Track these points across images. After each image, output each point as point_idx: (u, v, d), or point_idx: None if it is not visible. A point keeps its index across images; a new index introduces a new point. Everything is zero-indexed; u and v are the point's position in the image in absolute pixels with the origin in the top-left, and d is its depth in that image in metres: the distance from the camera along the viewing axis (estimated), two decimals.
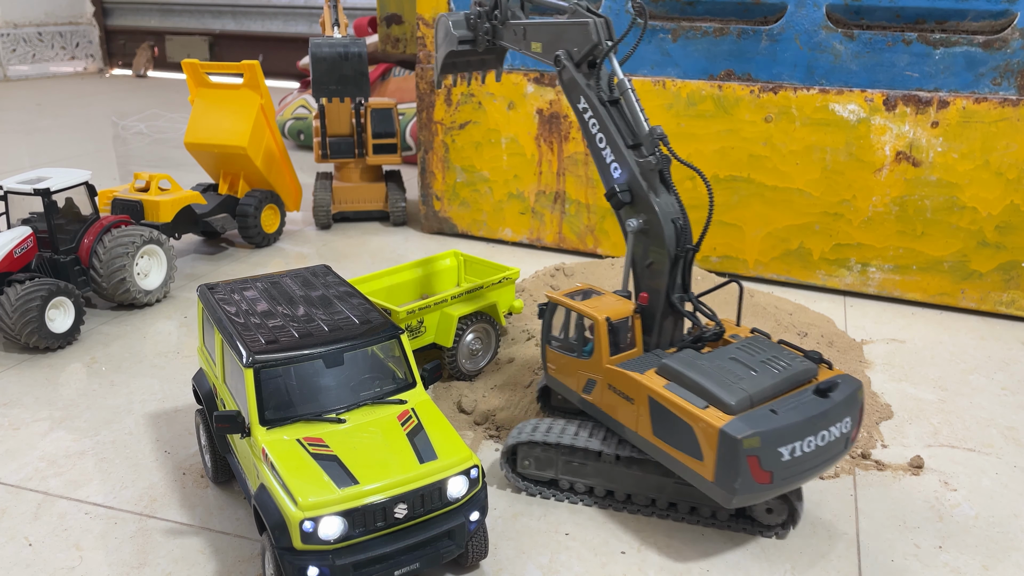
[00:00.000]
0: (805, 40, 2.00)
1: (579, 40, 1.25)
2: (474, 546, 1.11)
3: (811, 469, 1.07)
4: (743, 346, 1.17)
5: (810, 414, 1.05)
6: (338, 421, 1.08)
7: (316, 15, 5.95)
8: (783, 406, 1.05)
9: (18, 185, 1.81)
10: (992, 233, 1.94)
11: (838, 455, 1.11)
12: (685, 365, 1.12)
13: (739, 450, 1.00)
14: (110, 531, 1.22)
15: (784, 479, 1.05)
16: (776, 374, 1.10)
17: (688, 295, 1.22)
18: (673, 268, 1.19)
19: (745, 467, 1.01)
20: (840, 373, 1.13)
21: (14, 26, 6.26)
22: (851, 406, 1.10)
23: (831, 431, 1.07)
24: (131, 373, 1.70)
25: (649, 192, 1.19)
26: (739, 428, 1.01)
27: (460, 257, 1.83)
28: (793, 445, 1.03)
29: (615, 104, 1.24)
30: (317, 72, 2.51)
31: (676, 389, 1.10)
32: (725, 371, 1.10)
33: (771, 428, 1.02)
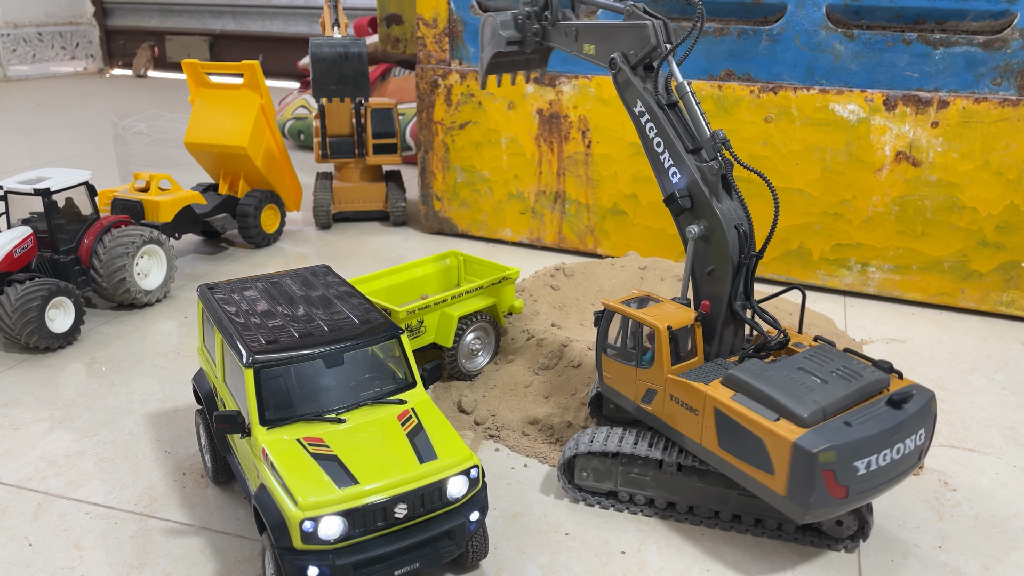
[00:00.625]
0: (805, 40, 2.00)
1: (636, 43, 1.22)
2: (474, 546, 1.11)
3: (885, 483, 1.04)
4: (810, 355, 1.13)
5: (885, 426, 1.01)
6: (338, 421, 1.08)
7: (316, 15, 5.95)
8: (857, 418, 1.02)
9: (18, 185, 1.81)
10: (992, 233, 1.94)
11: (911, 468, 1.07)
12: (752, 376, 1.08)
13: (814, 464, 0.97)
14: (110, 531, 1.22)
15: (859, 493, 1.02)
16: (848, 385, 1.06)
17: (750, 302, 1.19)
18: (736, 275, 1.16)
19: (820, 482, 0.98)
20: (912, 383, 1.10)
21: (14, 26, 6.27)
22: (925, 417, 1.06)
23: (906, 443, 1.03)
24: (131, 373, 1.70)
25: (711, 197, 1.16)
26: (814, 442, 0.98)
27: (460, 257, 1.83)
28: (869, 459, 1.00)
29: (673, 107, 1.21)
30: (317, 72, 2.51)
31: (744, 400, 1.07)
32: (794, 382, 1.07)
33: (847, 441, 0.98)
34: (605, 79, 2.20)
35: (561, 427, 1.44)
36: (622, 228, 2.32)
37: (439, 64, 2.40)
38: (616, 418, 1.38)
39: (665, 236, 2.26)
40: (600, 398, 1.38)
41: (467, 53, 2.37)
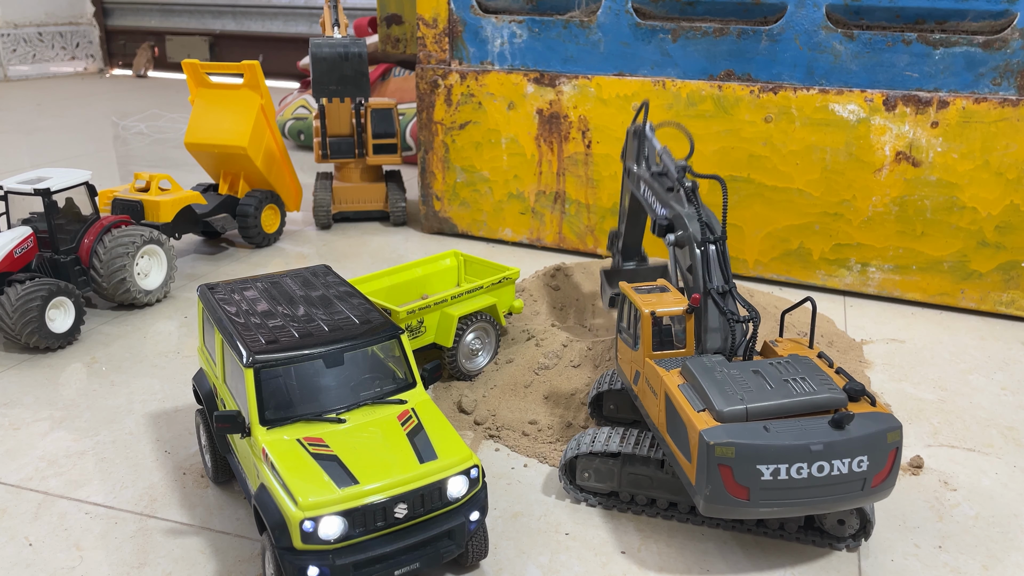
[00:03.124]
0: (805, 40, 2.00)
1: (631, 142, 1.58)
2: (474, 546, 1.11)
3: (807, 500, 1.03)
4: (778, 363, 1.12)
5: (806, 440, 1.00)
6: (338, 421, 1.08)
7: (316, 15, 5.95)
8: (781, 426, 1.01)
9: (18, 185, 1.81)
10: (992, 233, 1.94)
11: (851, 495, 1.04)
12: (701, 368, 1.10)
13: (711, 456, 0.99)
14: (110, 531, 1.22)
15: (768, 501, 1.01)
16: (790, 394, 1.05)
17: (730, 285, 1.21)
18: (704, 259, 1.21)
19: (717, 476, 1.00)
20: (880, 411, 1.06)
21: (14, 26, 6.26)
22: (872, 445, 1.02)
23: (835, 465, 1.01)
24: (131, 373, 1.70)
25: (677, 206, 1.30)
26: (716, 435, 1.00)
27: (460, 257, 1.83)
28: (777, 467, 1.00)
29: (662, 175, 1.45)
30: (317, 72, 2.51)
31: (687, 389, 1.09)
32: (737, 381, 1.07)
33: (751, 443, 0.99)
34: (605, 79, 2.20)
35: (561, 427, 1.44)
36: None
37: (439, 64, 2.40)
38: (616, 418, 1.38)
39: None
40: (600, 398, 1.39)
41: (467, 53, 2.37)
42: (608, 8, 2.15)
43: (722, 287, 1.21)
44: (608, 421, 1.40)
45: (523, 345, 1.68)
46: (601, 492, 1.26)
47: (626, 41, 2.17)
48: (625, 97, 2.19)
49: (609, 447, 1.21)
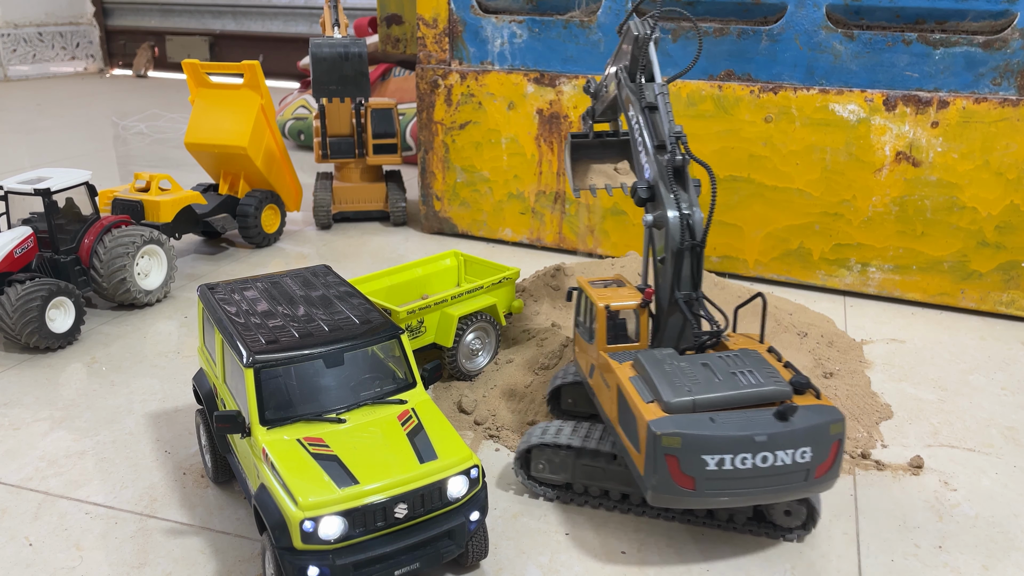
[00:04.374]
0: (805, 40, 2.00)
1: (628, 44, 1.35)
2: (474, 546, 1.11)
3: (751, 490, 1.04)
4: (726, 356, 1.14)
5: (752, 431, 1.01)
6: (338, 421, 1.08)
7: (316, 15, 5.95)
8: (727, 418, 1.03)
9: (18, 185, 1.81)
10: (992, 233, 1.94)
11: (794, 486, 1.05)
12: (652, 361, 1.12)
13: (658, 447, 1.01)
14: (110, 531, 1.22)
15: (713, 491, 1.02)
16: (737, 386, 1.07)
17: (697, 294, 1.21)
18: (677, 262, 1.19)
19: (663, 466, 1.01)
20: (824, 404, 1.07)
21: (14, 26, 6.26)
22: (815, 437, 1.04)
23: (779, 455, 1.02)
24: (131, 373, 1.70)
25: (665, 188, 1.21)
26: (663, 425, 1.01)
27: (460, 257, 1.83)
28: (722, 457, 1.01)
29: (654, 110, 1.30)
30: (317, 72, 2.51)
31: (637, 382, 1.11)
32: (686, 374, 1.09)
33: (696, 433, 1.00)
34: None
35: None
36: (622, 228, 2.32)
37: (439, 64, 2.40)
38: (574, 412, 1.40)
39: None
40: (559, 392, 1.41)
41: (467, 53, 2.37)
42: (608, 8, 2.15)
43: (689, 295, 1.20)
44: (566, 415, 1.41)
45: (523, 345, 1.68)
46: (556, 484, 1.27)
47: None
48: None
49: (559, 439, 1.23)
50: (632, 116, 1.32)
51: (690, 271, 1.20)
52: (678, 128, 1.23)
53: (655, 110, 1.29)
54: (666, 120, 1.26)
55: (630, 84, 1.35)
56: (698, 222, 1.19)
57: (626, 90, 1.35)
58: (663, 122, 1.26)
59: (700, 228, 1.19)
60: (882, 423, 1.52)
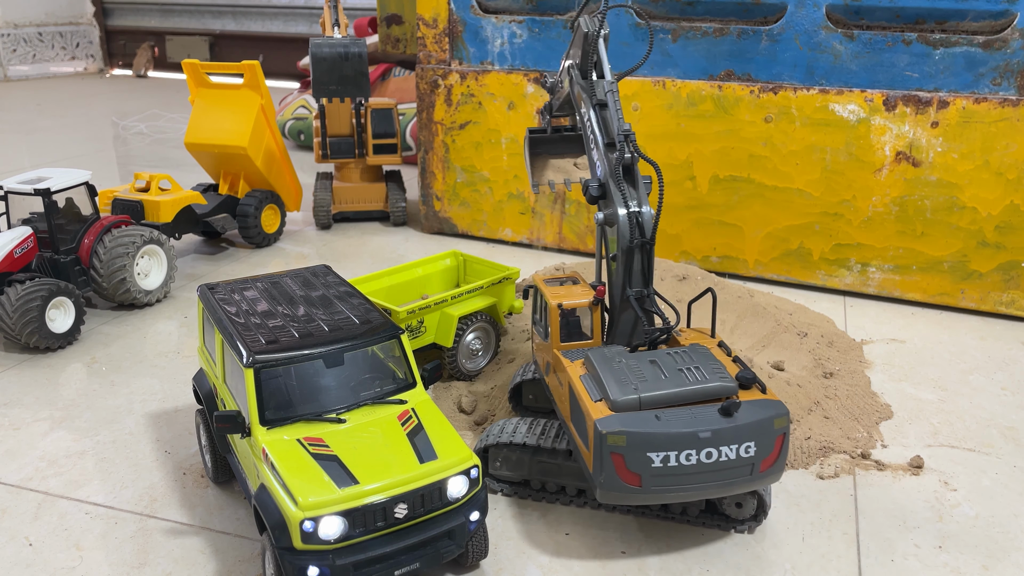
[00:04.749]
0: (805, 40, 2.00)
1: (579, 41, 1.34)
2: (474, 546, 1.11)
3: (696, 485, 1.05)
4: (674, 352, 1.14)
5: (696, 428, 1.02)
6: (338, 421, 1.08)
7: (316, 15, 5.95)
8: (672, 415, 1.04)
9: (18, 185, 1.81)
10: (992, 233, 1.94)
11: (739, 480, 1.07)
12: (601, 359, 1.13)
13: (603, 445, 1.02)
14: (110, 531, 1.22)
15: (659, 487, 1.04)
16: (683, 383, 1.07)
17: (649, 291, 1.22)
18: (628, 260, 1.20)
19: (609, 463, 1.02)
20: (770, 398, 1.08)
21: (14, 26, 6.26)
22: (759, 432, 1.05)
23: (723, 451, 1.04)
24: (131, 373, 1.70)
25: (615, 186, 1.22)
26: (609, 424, 1.02)
27: (460, 257, 1.83)
28: (667, 454, 1.02)
29: (604, 107, 1.30)
30: (317, 72, 2.51)
31: (587, 380, 1.12)
32: (633, 371, 1.09)
33: (641, 431, 1.01)
34: None
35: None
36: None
37: (439, 64, 2.40)
38: (536, 408, 1.41)
39: (665, 236, 2.26)
40: (520, 389, 1.41)
41: (467, 53, 2.37)
42: None
43: (641, 291, 1.21)
44: (527, 411, 1.42)
45: (523, 345, 1.68)
46: (514, 481, 1.28)
47: (626, 41, 2.17)
48: (625, 97, 2.19)
49: (515, 438, 1.24)
50: (584, 113, 1.32)
51: (641, 268, 1.21)
52: (627, 126, 1.23)
53: (605, 107, 1.29)
54: (616, 118, 1.26)
55: (581, 81, 1.35)
56: (647, 220, 1.20)
57: (577, 87, 1.34)
58: (613, 120, 1.26)
59: (650, 225, 1.19)
60: (882, 423, 1.52)
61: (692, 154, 2.16)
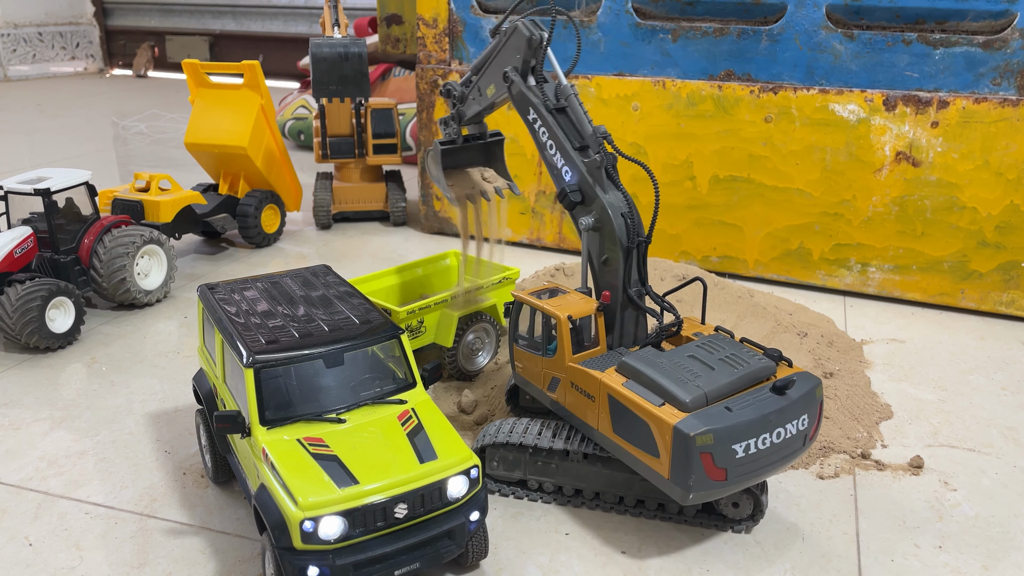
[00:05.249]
0: (805, 40, 2.00)
1: (517, 48, 1.31)
2: (474, 546, 1.11)
3: (767, 466, 1.08)
4: (703, 344, 1.17)
5: (765, 411, 1.05)
6: (338, 421, 1.08)
7: (316, 15, 5.95)
8: (738, 403, 1.06)
9: (18, 185, 1.81)
10: (992, 233, 1.94)
11: (796, 452, 1.11)
12: (643, 362, 1.13)
13: (692, 447, 1.01)
14: (110, 531, 1.22)
15: (739, 476, 1.06)
16: (733, 372, 1.10)
17: (646, 288, 1.24)
18: (627, 261, 1.21)
19: (699, 464, 1.02)
20: (799, 371, 1.14)
21: (14, 26, 6.26)
22: (809, 403, 1.10)
23: (787, 428, 1.08)
24: (131, 373, 1.70)
25: (597, 189, 1.22)
26: (692, 425, 1.02)
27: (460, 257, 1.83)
28: (747, 442, 1.04)
29: (562, 112, 1.29)
30: (317, 72, 2.51)
31: (634, 387, 1.11)
32: (682, 368, 1.11)
33: (725, 425, 1.03)
34: (605, 79, 2.20)
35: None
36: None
37: (439, 64, 2.40)
38: (532, 408, 1.40)
39: (665, 236, 2.26)
40: (516, 389, 1.41)
41: (467, 53, 2.37)
42: (608, 8, 2.15)
43: (640, 290, 1.23)
44: (524, 411, 1.41)
45: None
46: (510, 481, 1.29)
47: (626, 41, 2.17)
48: (625, 97, 2.19)
49: (511, 438, 1.24)
50: (534, 119, 1.30)
51: (637, 267, 1.22)
52: (602, 128, 1.23)
53: (563, 111, 1.29)
54: (586, 120, 1.25)
55: (530, 86, 1.32)
56: (639, 219, 1.21)
57: (528, 93, 1.31)
58: (583, 123, 1.25)
59: (642, 225, 1.21)
60: (882, 423, 1.52)
61: (692, 154, 2.16)
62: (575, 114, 1.27)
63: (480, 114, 1.49)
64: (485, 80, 1.42)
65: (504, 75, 1.34)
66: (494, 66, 1.38)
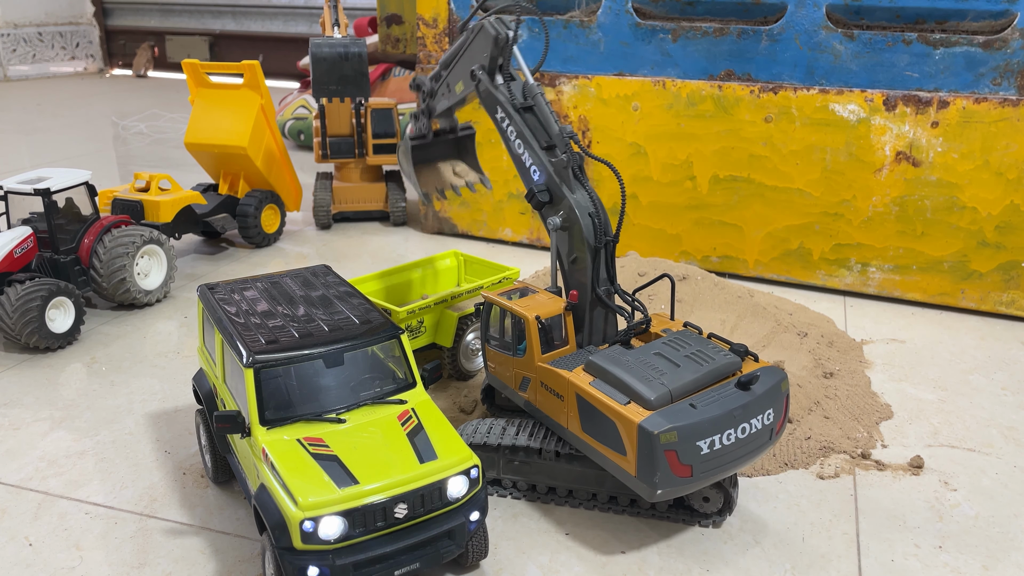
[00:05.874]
0: (805, 40, 2.00)
1: (484, 46, 1.30)
2: (474, 546, 1.11)
3: (733, 461, 1.08)
4: (670, 341, 1.18)
5: (729, 407, 1.06)
6: (338, 421, 1.08)
7: (316, 15, 5.95)
8: (702, 400, 1.07)
9: (18, 185, 1.81)
10: (992, 233, 1.94)
11: (762, 447, 1.12)
12: (610, 361, 1.13)
13: (656, 445, 1.02)
14: (110, 531, 1.22)
15: (705, 472, 1.06)
16: (699, 368, 1.11)
17: (615, 287, 1.24)
18: (595, 260, 1.21)
19: (664, 461, 1.03)
20: (765, 365, 1.14)
21: (14, 26, 6.26)
22: (773, 398, 1.10)
23: (752, 423, 1.08)
24: (131, 373, 1.70)
25: (564, 189, 1.22)
26: (656, 423, 1.03)
27: (460, 257, 1.83)
28: (712, 439, 1.05)
29: (529, 111, 1.29)
30: (317, 72, 2.51)
31: (601, 386, 1.12)
32: (648, 366, 1.11)
33: (688, 423, 1.03)
34: (605, 79, 2.20)
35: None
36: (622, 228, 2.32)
37: None
38: (508, 407, 1.41)
39: (665, 236, 2.26)
40: (491, 389, 1.41)
41: None
42: (608, 8, 2.15)
43: (608, 289, 1.23)
44: (500, 410, 1.42)
45: None
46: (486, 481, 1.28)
47: (626, 41, 2.17)
48: (625, 97, 2.19)
49: (489, 439, 1.24)
50: (502, 118, 1.30)
51: (606, 266, 1.23)
52: (569, 127, 1.24)
53: (530, 110, 1.28)
54: (552, 119, 1.25)
55: (497, 85, 1.31)
56: (606, 219, 1.22)
57: (495, 92, 1.30)
58: (549, 121, 1.25)
59: (609, 224, 1.22)
60: (882, 423, 1.52)
61: (692, 154, 2.16)
62: (542, 113, 1.27)
63: (450, 109, 1.49)
64: (454, 76, 1.41)
65: (471, 73, 1.34)
66: (462, 63, 1.38)
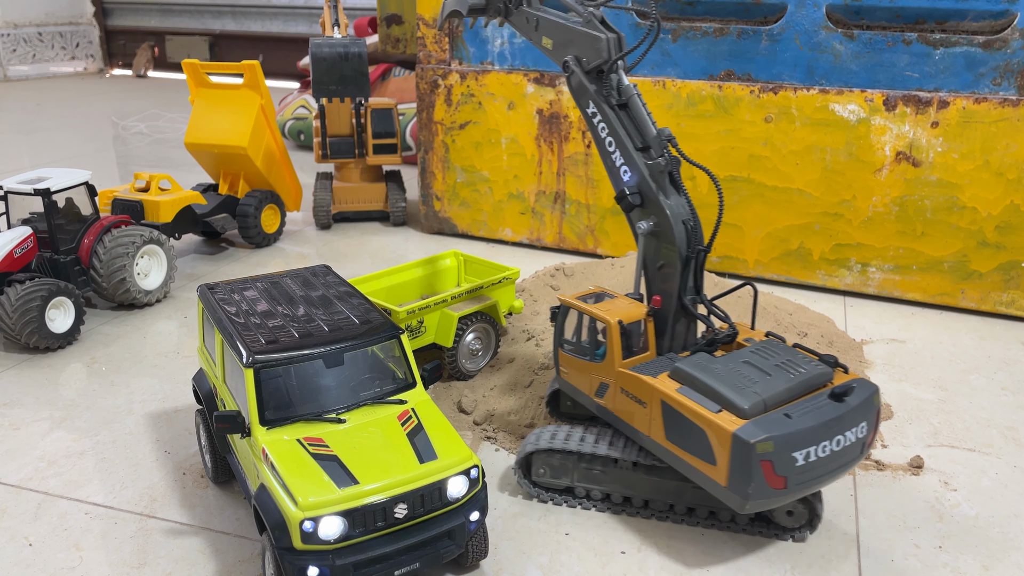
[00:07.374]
0: (805, 40, 2.00)
1: (590, 52, 1.25)
2: (474, 546, 1.11)
3: (826, 474, 1.06)
4: (757, 350, 1.15)
5: (825, 419, 1.03)
6: (338, 421, 1.08)
7: (316, 15, 5.95)
8: (797, 410, 1.04)
9: (18, 185, 1.81)
10: (992, 233, 1.94)
11: (854, 460, 1.09)
12: (698, 369, 1.10)
13: (752, 455, 0.99)
14: (110, 531, 1.22)
15: (799, 484, 1.03)
16: (791, 378, 1.08)
17: (700, 297, 1.22)
18: (684, 270, 1.19)
19: (759, 472, 1.00)
20: (856, 377, 1.12)
21: (14, 26, 6.26)
22: (867, 411, 1.08)
23: (846, 436, 1.05)
24: (131, 373, 1.70)
25: (659, 194, 1.19)
26: (752, 432, 1.00)
27: (460, 257, 1.83)
28: (807, 450, 1.02)
29: (624, 108, 1.24)
30: (317, 72, 2.51)
31: (689, 393, 1.09)
32: (739, 375, 1.09)
33: (785, 433, 1.00)
34: None
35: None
36: (622, 228, 2.32)
37: (439, 64, 2.40)
38: (573, 415, 1.39)
39: None
40: (558, 395, 1.39)
41: (467, 53, 2.37)
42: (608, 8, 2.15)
43: (695, 298, 1.21)
44: (564, 417, 1.40)
45: (523, 345, 1.68)
46: (556, 488, 1.27)
47: None
48: None
49: (568, 446, 1.22)
50: (593, 113, 1.25)
51: (694, 276, 1.21)
52: (667, 131, 1.19)
53: (626, 107, 1.24)
54: (649, 120, 1.21)
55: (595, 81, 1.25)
56: (699, 228, 1.20)
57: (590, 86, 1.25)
58: (646, 123, 1.21)
59: (702, 233, 1.20)
60: (882, 423, 1.52)
61: (692, 154, 2.16)
62: (637, 113, 1.22)
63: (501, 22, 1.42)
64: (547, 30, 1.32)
65: (564, 64, 1.28)
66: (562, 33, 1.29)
